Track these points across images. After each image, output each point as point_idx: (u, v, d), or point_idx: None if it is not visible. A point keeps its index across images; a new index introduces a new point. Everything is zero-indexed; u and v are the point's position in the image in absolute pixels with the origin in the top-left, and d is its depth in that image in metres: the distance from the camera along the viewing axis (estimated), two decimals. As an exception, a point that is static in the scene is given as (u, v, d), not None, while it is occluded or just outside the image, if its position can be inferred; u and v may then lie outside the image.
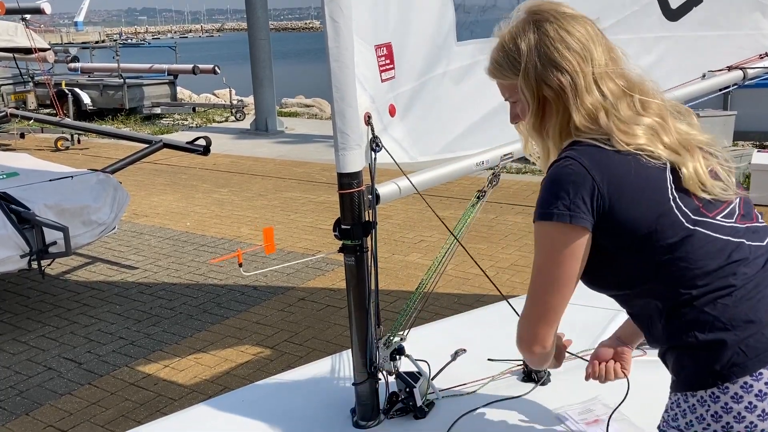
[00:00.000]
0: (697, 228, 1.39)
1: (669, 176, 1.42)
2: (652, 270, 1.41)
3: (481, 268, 2.28)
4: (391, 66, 1.93)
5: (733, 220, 1.44)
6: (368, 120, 1.81)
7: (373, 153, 1.81)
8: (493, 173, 2.12)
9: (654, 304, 1.44)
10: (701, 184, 1.42)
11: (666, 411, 1.48)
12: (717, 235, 1.40)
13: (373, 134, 1.81)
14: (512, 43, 1.51)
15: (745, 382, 1.34)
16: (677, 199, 1.40)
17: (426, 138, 2.12)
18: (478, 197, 2.08)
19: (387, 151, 1.84)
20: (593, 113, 1.44)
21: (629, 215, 1.39)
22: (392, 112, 1.95)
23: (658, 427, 1.51)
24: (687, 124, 1.52)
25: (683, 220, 1.39)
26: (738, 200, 1.48)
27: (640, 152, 1.41)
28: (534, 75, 1.47)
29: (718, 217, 1.42)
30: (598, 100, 1.44)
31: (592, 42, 1.47)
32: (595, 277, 1.49)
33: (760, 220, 1.50)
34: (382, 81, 1.90)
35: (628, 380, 1.76)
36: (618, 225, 1.40)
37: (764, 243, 1.45)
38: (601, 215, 1.39)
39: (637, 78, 1.51)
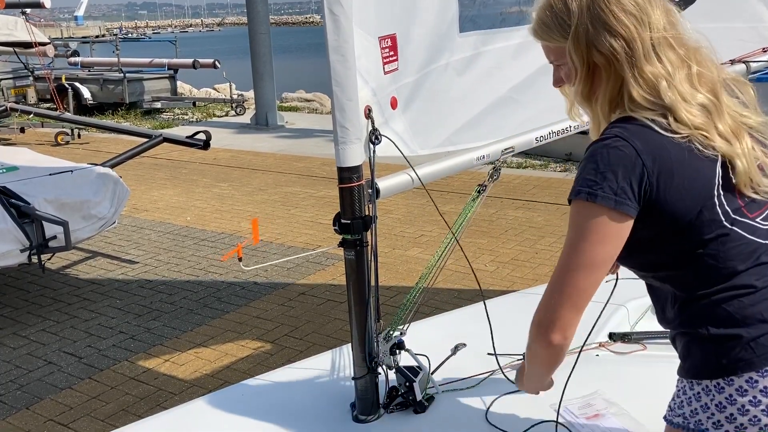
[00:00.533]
0: (734, 228, 1.35)
1: (719, 170, 1.35)
2: (680, 261, 1.38)
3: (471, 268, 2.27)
4: (395, 57, 1.91)
5: None
6: (368, 113, 1.80)
7: (372, 146, 1.80)
8: (494, 167, 2.11)
9: (672, 290, 1.43)
10: (751, 180, 1.36)
11: (672, 399, 1.48)
12: (752, 238, 1.36)
13: (373, 127, 1.80)
14: (561, 3, 1.40)
15: (750, 377, 1.33)
16: (722, 196, 1.35)
17: (427, 131, 2.12)
18: (479, 191, 2.07)
19: (391, 141, 1.83)
20: (654, 84, 1.33)
21: (674, 207, 1.33)
22: (394, 104, 1.94)
23: (665, 417, 1.51)
24: (741, 103, 1.43)
25: (722, 219, 1.35)
26: None
27: (696, 138, 1.33)
28: (585, 39, 1.36)
29: (758, 219, 1.37)
30: (658, 69, 1.33)
31: (650, 3, 1.35)
32: (622, 255, 1.44)
33: None
34: (385, 73, 1.88)
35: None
36: (659, 215, 1.34)
37: None
38: (645, 203, 1.32)
39: (693, 44, 1.40)
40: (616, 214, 1.31)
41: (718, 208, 1.34)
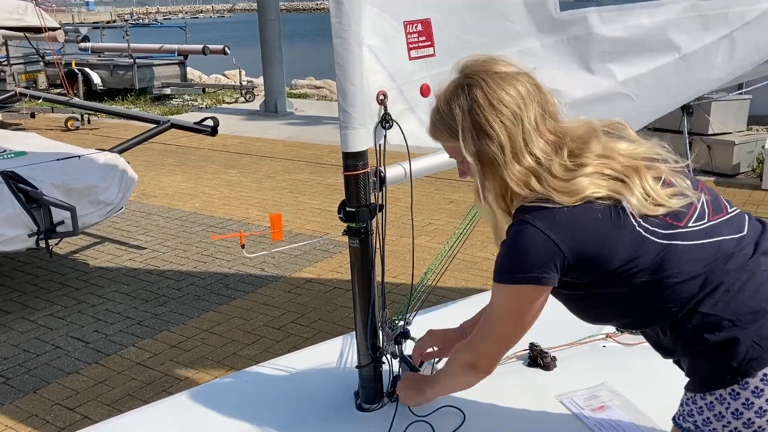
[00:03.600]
0: (672, 242, 1.39)
1: (627, 206, 1.40)
2: (645, 295, 1.41)
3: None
4: (427, 44, 1.87)
5: (706, 220, 1.43)
6: (381, 99, 1.77)
7: (383, 131, 1.78)
8: None
9: (658, 323, 1.45)
10: (653, 202, 1.41)
11: (681, 405, 1.47)
12: (694, 242, 1.40)
13: (385, 111, 1.78)
14: (447, 107, 1.49)
15: (765, 374, 1.33)
16: (642, 223, 1.40)
17: None
18: None
19: (399, 127, 1.80)
20: (524, 179, 1.43)
21: (604, 259, 1.39)
22: (425, 91, 1.90)
23: (674, 419, 1.49)
24: (627, 141, 1.51)
25: (654, 239, 1.39)
26: (703, 199, 1.46)
27: (589, 197, 1.40)
28: (471, 139, 1.46)
29: (690, 224, 1.42)
30: (527, 166, 1.43)
31: (524, 103, 1.44)
32: (595, 315, 1.53)
33: (730, 209, 1.49)
34: (411, 59, 1.85)
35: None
36: (596, 270, 1.41)
37: (745, 232, 1.45)
38: (574, 270, 1.41)
39: (569, 126, 1.49)
40: (541, 290, 1.44)
41: (644, 234, 1.39)
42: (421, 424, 1.79)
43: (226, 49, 14.43)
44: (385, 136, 1.78)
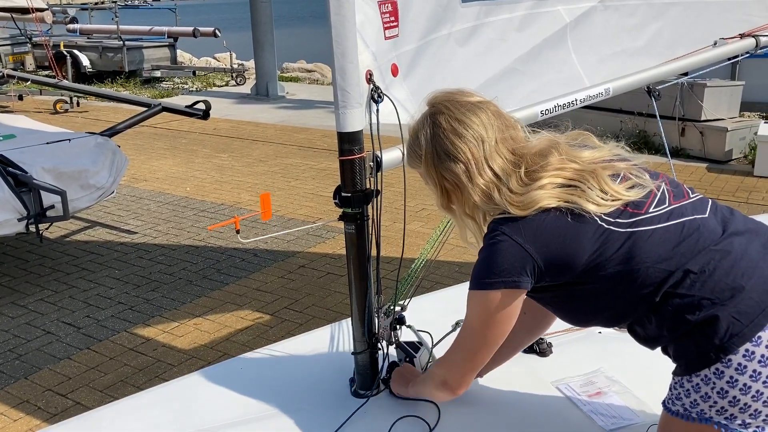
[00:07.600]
0: (636, 229, 1.43)
1: (587, 207, 1.45)
2: (620, 286, 1.43)
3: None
4: (395, 24, 1.87)
5: (666, 205, 1.47)
6: (370, 78, 1.76)
7: (375, 105, 1.76)
8: None
9: (638, 312, 1.46)
10: (612, 198, 1.45)
11: (670, 390, 1.48)
12: (657, 226, 1.43)
13: (375, 87, 1.76)
14: (415, 136, 1.60)
15: (747, 350, 1.35)
16: (604, 217, 1.44)
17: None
18: None
19: (391, 101, 1.79)
20: (487, 192, 1.51)
21: (571, 258, 1.43)
22: (395, 71, 1.90)
23: (663, 403, 1.50)
24: (589, 149, 1.56)
25: (619, 230, 1.43)
26: (663, 187, 1.51)
27: (546, 209, 1.44)
28: (433, 165, 1.56)
29: (650, 210, 1.46)
30: (489, 179, 1.51)
31: (484, 128, 1.52)
32: (577, 314, 1.55)
33: (692, 194, 1.53)
34: (386, 39, 1.85)
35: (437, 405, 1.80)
36: (567, 270, 1.44)
37: (707, 214, 1.48)
38: (545, 275, 1.45)
39: (532, 144, 1.55)
40: (517, 293, 1.48)
41: (608, 226, 1.44)
42: (417, 406, 1.78)
43: (217, 31, 14.26)
44: (378, 111, 1.76)
